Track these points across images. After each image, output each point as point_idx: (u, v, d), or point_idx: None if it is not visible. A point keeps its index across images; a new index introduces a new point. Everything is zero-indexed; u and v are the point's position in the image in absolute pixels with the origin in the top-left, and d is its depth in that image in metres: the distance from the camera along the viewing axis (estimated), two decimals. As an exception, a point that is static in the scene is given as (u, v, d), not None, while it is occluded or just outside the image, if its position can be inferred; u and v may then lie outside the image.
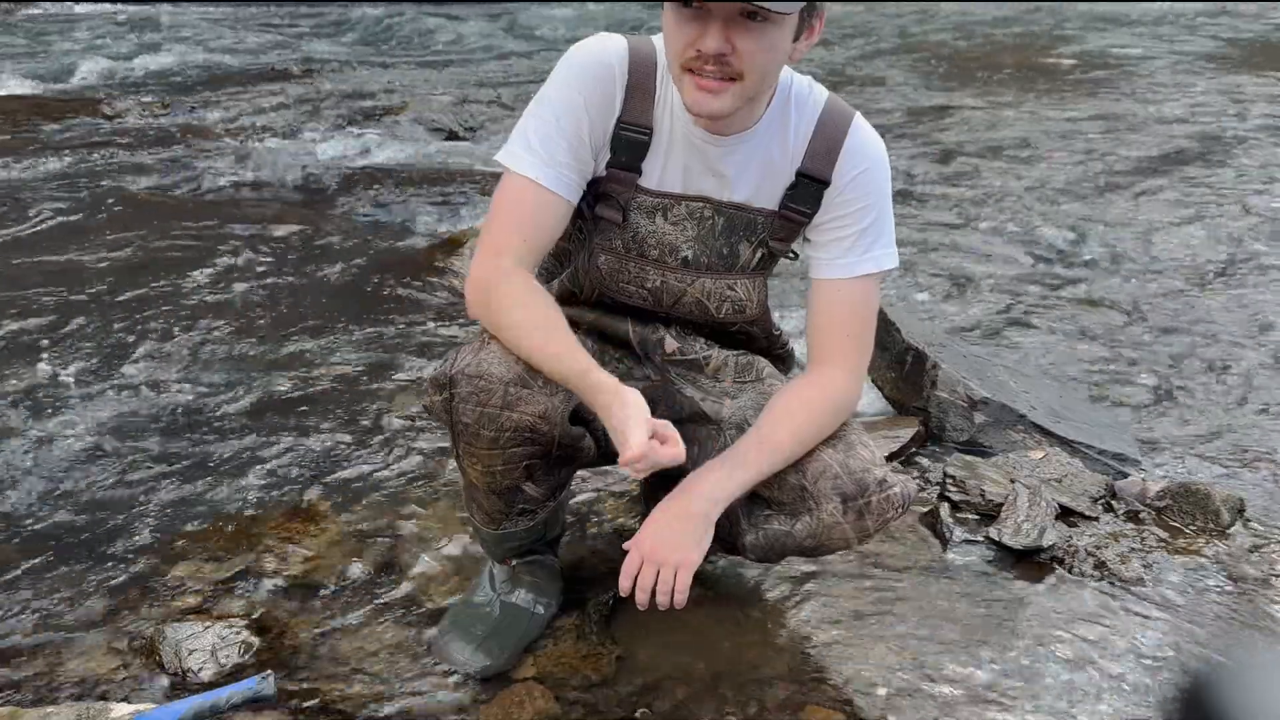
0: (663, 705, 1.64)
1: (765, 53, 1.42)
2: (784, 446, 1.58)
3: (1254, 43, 8.62)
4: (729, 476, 1.57)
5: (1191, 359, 3.14)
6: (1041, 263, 3.97)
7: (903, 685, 1.70)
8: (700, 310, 1.69)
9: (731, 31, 1.39)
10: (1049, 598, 1.94)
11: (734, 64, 1.41)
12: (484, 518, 1.71)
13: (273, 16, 9.68)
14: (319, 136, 5.46)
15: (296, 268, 3.57)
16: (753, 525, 1.66)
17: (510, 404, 1.50)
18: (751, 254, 1.66)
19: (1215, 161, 5.28)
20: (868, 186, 1.60)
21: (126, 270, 3.45)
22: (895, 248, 1.65)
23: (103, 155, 4.87)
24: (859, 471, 1.58)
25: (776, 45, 1.43)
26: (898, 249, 1.65)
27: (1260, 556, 2.09)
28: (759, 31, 1.40)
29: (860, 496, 1.57)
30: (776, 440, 1.58)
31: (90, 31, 8.41)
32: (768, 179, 1.61)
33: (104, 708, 1.57)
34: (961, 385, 2.54)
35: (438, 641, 1.76)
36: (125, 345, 2.91)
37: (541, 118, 1.55)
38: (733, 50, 1.40)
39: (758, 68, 1.43)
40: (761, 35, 1.40)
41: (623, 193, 1.61)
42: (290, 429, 2.51)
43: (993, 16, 9.98)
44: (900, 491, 1.60)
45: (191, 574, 1.96)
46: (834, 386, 1.62)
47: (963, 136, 5.81)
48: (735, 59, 1.41)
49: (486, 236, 1.56)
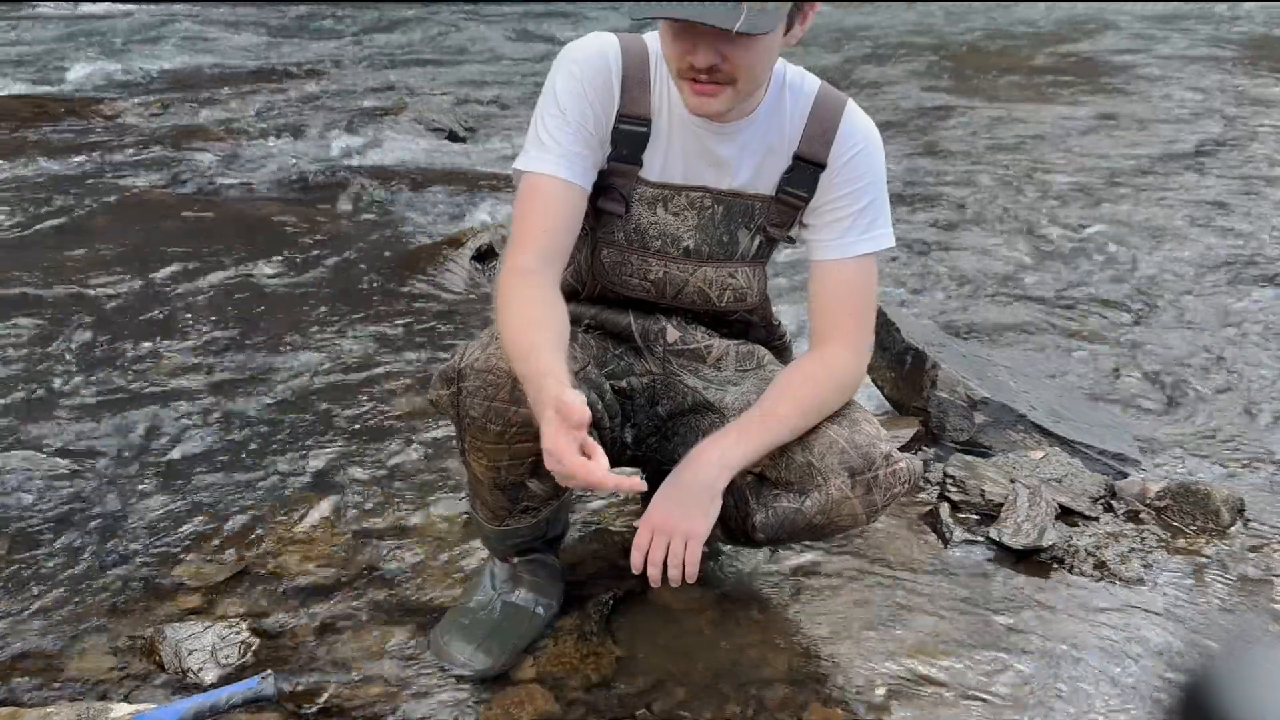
0: (663, 705, 1.64)
1: (756, 58, 1.45)
2: (789, 418, 1.58)
3: (1255, 43, 8.62)
4: (735, 445, 1.57)
5: (1192, 359, 3.14)
6: (1042, 262, 3.97)
7: (902, 685, 1.70)
8: (702, 299, 1.71)
9: (720, 44, 1.41)
10: (1049, 598, 1.94)
11: (726, 71, 1.44)
12: (487, 514, 1.71)
13: (273, 17, 9.68)
14: (319, 136, 5.45)
15: (296, 268, 3.57)
16: (762, 504, 1.66)
17: (518, 399, 1.50)
18: (750, 241, 1.68)
19: (1216, 161, 5.28)
20: (864, 167, 1.62)
21: (125, 270, 3.45)
22: (891, 227, 1.67)
23: (102, 155, 4.87)
24: (865, 446, 1.59)
25: (768, 48, 1.46)
26: (899, 249, 1.65)
27: (1260, 556, 2.09)
28: (748, 42, 1.42)
29: (867, 470, 1.58)
30: (782, 412, 1.59)
31: (90, 32, 8.41)
32: (765, 164, 1.63)
33: (104, 708, 1.57)
34: (961, 385, 2.54)
35: (438, 641, 1.76)
36: (124, 345, 2.91)
37: (550, 115, 1.56)
38: (724, 60, 1.43)
39: (750, 72, 1.46)
40: (751, 44, 1.42)
41: (624, 184, 1.63)
42: (291, 428, 2.51)
43: (993, 17, 9.98)
44: (907, 466, 1.61)
45: (191, 574, 1.96)
46: (838, 363, 1.63)
47: (963, 136, 5.81)
48: (727, 67, 1.43)
49: (511, 237, 1.58)
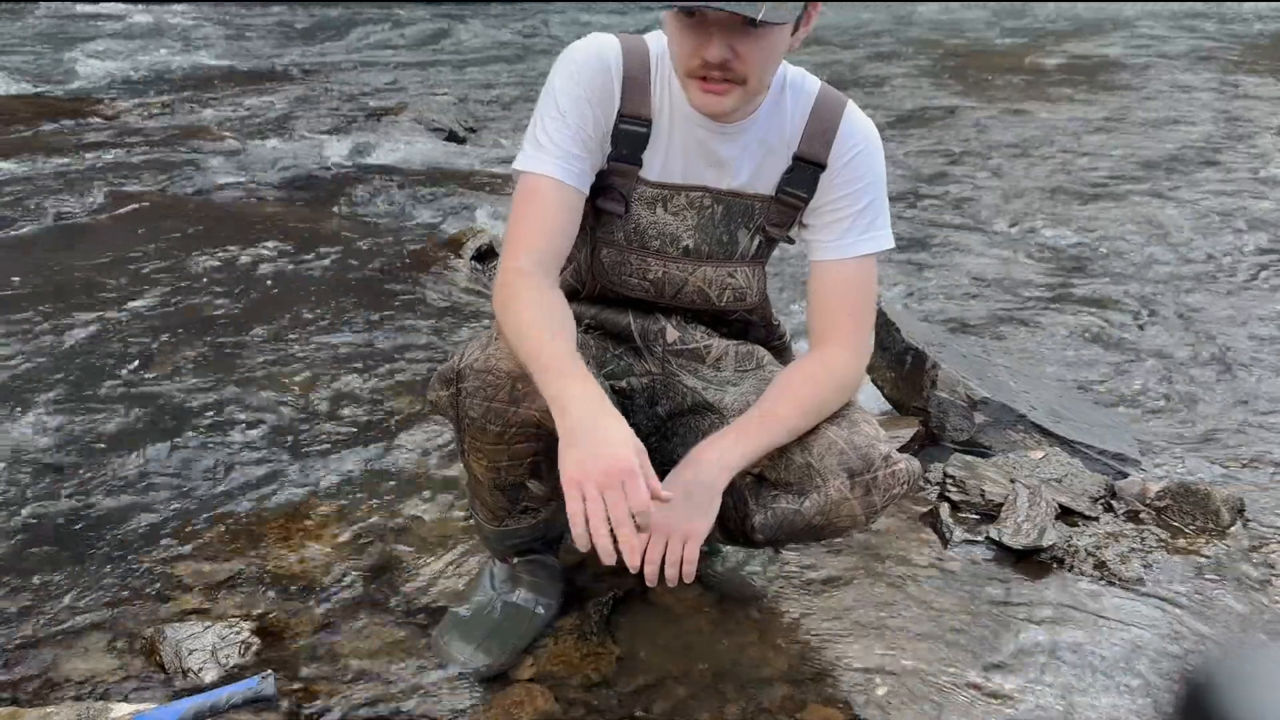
0: (663, 705, 1.64)
1: (767, 55, 1.45)
2: (789, 419, 1.58)
3: (1255, 42, 8.61)
4: (734, 445, 1.57)
5: (1192, 359, 3.14)
6: (1042, 262, 3.97)
7: (902, 685, 1.70)
8: (702, 299, 1.71)
9: (733, 39, 1.41)
10: (1049, 598, 1.94)
11: (737, 69, 1.44)
12: (487, 514, 1.71)
13: (273, 17, 9.68)
14: (319, 136, 5.46)
15: (295, 268, 3.57)
16: (761, 505, 1.66)
17: (517, 399, 1.50)
18: (750, 240, 1.68)
19: (1216, 162, 5.28)
20: (864, 168, 1.63)
21: (125, 270, 3.45)
22: (890, 228, 1.67)
23: (102, 155, 4.87)
24: (864, 447, 1.58)
25: (777, 46, 1.47)
26: (899, 249, 1.66)
27: (1260, 556, 2.09)
28: (760, 36, 1.41)
29: (866, 471, 1.58)
30: (781, 413, 1.58)
31: (90, 31, 8.41)
32: (766, 164, 1.63)
33: (104, 708, 1.57)
34: (961, 385, 2.53)
35: (438, 641, 1.76)
36: (123, 345, 2.91)
37: (549, 117, 1.56)
38: (735, 56, 1.42)
39: (760, 70, 1.46)
40: (763, 39, 1.42)
41: (624, 184, 1.63)
42: (290, 428, 2.51)
43: (994, 17, 9.98)
44: (906, 467, 1.61)
45: (191, 574, 1.96)
46: (837, 363, 1.63)
47: (963, 137, 5.82)
48: (738, 64, 1.43)
49: (507, 238, 1.58)
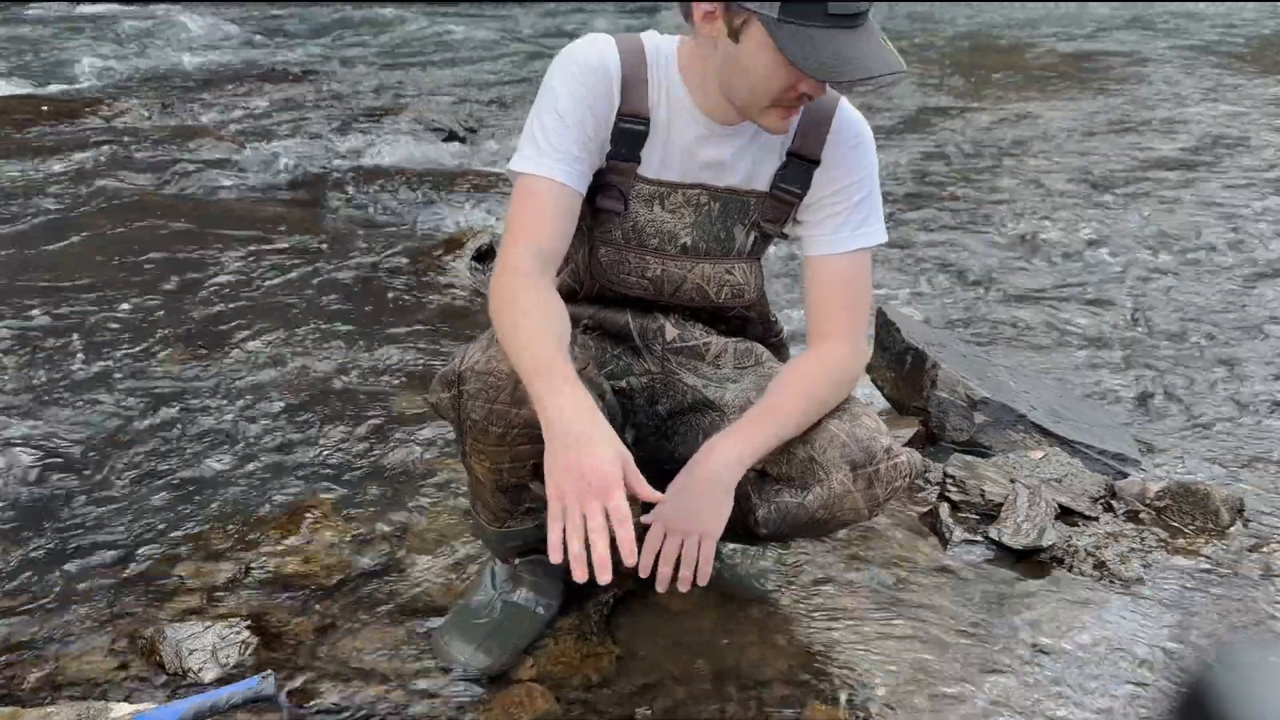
0: (663, 705, 1.64)
1: None
2: (791, 414, 1.59)
3: (1255, 42, 8.61)
4: (742, 441, 1.57)
5: (1192, 359, 3.14)
6: (1042, 262, 3.97)
7: (902, 685, 1.70)
8: (701, 296, 1.71)
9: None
10: (1049, 597, 1.94)
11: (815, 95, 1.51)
12: (489, 515, 1.71)
13: (273, 17, 9.68)
14: (319, 137, 5.45)
15: (295, 268, 3.57)
16: (764, 500, 1.66)
17: (519, 400, 1.50)
18: (745, 237, 1.69)
19: (1217, 162, 5.28)
20: (857, 163, 1.64)
21: (125, 270, 3.45)
22: (883, 223, 1.69)
23: (102, 155, 4.87)
24: (866, 440, 1.59)
25: None
26: (899, 249, 1.67)
27: (1260, 556, 2.09)
28: None
29: (869, 464, 1.59)
30: (785, 408, 1.59)
31: (90, 31, 8.41)
32: (761, 161, 1.65)
33: (104, 708, 1.57)
34: (961, 385, 2.54)
35: (438, 641, 1.76)
36: (123, 345, 2.91)
37: (546, 117, 1.56)
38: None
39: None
40: None
41: (623, 182, 1.63)
42: (290, 428, 2.51)
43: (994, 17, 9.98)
44: (907, 460, 1.61)
45: (191, 574, 1.96)
46: (835, 359, 1.64)
47: (964, 137, 5.82)
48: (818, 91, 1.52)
49: (504, 238, 1.58)
